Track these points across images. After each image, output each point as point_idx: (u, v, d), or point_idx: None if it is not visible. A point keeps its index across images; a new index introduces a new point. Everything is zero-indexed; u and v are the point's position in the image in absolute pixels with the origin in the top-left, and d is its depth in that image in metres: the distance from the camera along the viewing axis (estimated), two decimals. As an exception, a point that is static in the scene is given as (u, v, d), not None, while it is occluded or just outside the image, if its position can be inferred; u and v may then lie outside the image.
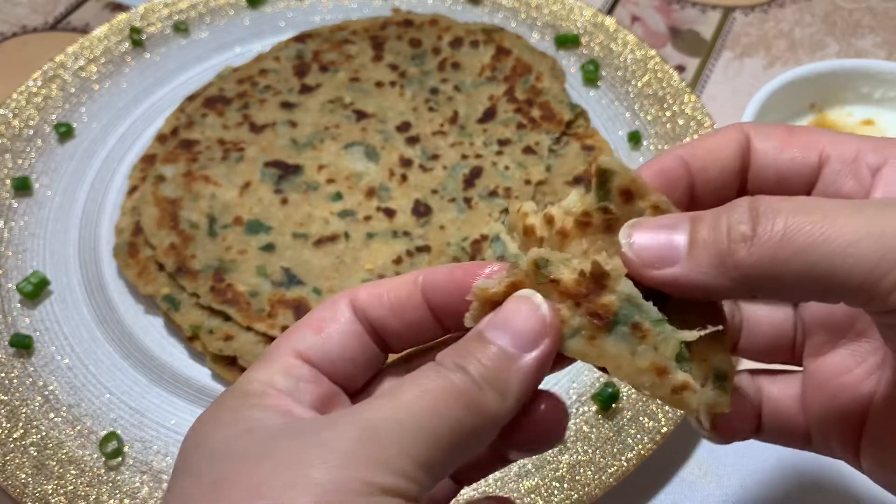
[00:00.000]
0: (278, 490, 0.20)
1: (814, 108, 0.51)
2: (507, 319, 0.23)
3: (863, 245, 0.20)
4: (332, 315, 0.26)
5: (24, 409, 0.43)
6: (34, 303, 0.48)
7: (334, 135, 0.54)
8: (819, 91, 0.50)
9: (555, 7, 0.63)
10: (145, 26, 0.62)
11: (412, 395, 0.22)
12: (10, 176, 0.53)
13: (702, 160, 0.26)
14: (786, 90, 0.49)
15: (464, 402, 0.22)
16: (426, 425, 0.21)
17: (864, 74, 0.50)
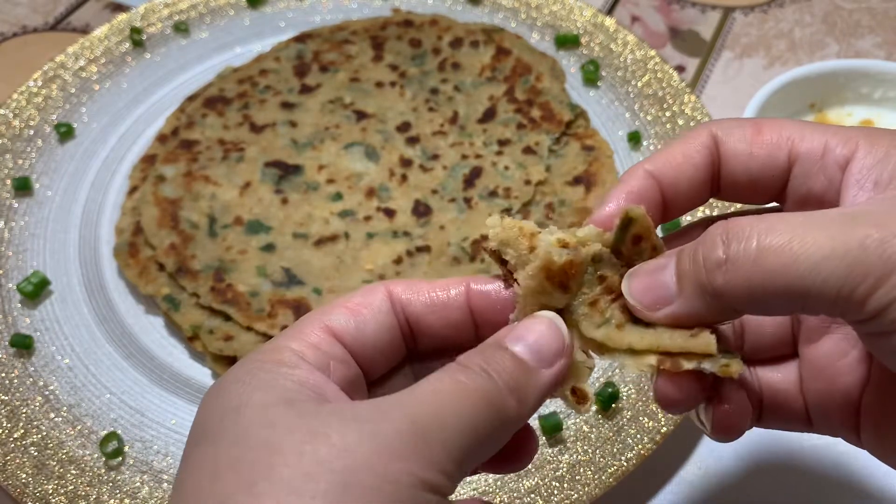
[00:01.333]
0: (335, 474, 0.20)
1: (814, 107, 0.51)
2: (529, 335, 0.24)
3: (830, 262, 0.21)
4: (370, 301, 0.26)
5: (24, 409, 0.43)
6: (34, 303, 0.48)
7: (334, 135, 0.54)
8: (819, 91, 0.51)
9: (555, 7, 0.63)
10: (145, 26, 0.62)
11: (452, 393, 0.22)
12: (11, 176, 0.53)
13: (672, 176, 0.27)
14: (786, 90, 0.49)
15: (494, 406, 0.23)
16: (466, 425, 0.22)
17: (863, 74, 0.50)
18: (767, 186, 0.27)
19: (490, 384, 0.23)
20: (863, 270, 0.21)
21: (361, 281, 0.46)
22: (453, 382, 0.23)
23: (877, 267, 0.21)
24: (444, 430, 0.22)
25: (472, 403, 0.22)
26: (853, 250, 0.21)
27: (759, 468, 0.42)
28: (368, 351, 0.26)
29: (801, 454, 0.42)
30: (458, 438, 0.22)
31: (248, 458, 0.21)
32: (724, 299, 0.23)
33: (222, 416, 0.22)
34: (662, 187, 0.27)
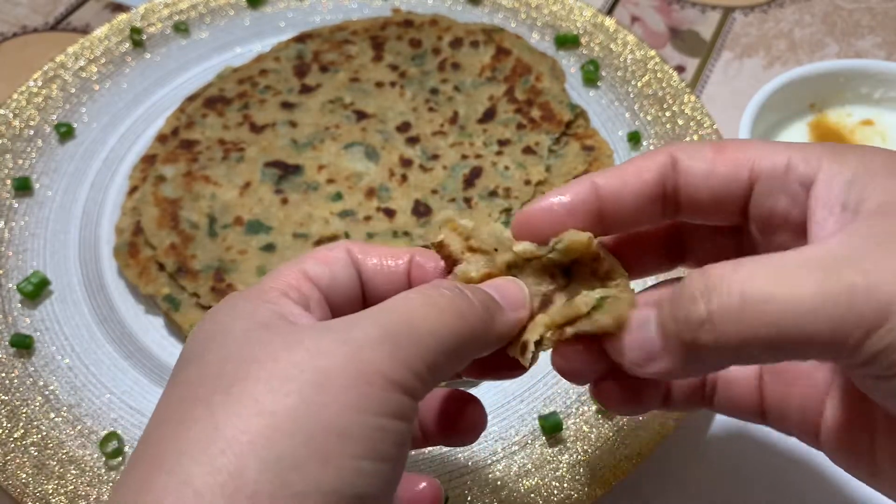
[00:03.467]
0: (309, 374, 0.22)
1: (814, 108, 0.51)
2: (498, 286, 0.27)
3: (820, 313, 0.21)
4: (336, 256, 0.28)
5: (24, 409, 0.43)
6: (35, 303, 0.48)
7: (334, 135, 0.54)
8: (819, 91, 0.50)
9: (555, 7, 0.63)
10: (145, 27, 0.62)
11: (423, 304, 0.24)
12: (11, 176, 0.53)
13: (615, 189, 0.27)
14: (785, 90, 0.49)
15: (464, 318, 0.24)
16: (436, 332, 0.24)
17: (863, 74, 0.50)
18: (729, 205, 0.27)
19: (461, 299, 0.25)
20: (854, 319, 0.21)
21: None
22: (424, 296, 0.25)
23: (867, 315, 0.21)
24: (414, 334, 0.23)
25: (441, 312, 0.24)
26: (842, 298, 0.21)
27: (764, 468, 0.42)
28: (340, 299, 0.27)
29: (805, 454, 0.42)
30: (429, 342, 0.23)
31: (227, 369, 0.22)
32: (710, 356, 0.22)
33: (206, 341, 0.24)
34: (603, 199, 0.27)
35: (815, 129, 0.50)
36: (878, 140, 0.49)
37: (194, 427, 0.21)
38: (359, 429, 0.21)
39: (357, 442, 0.21)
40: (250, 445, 0.20)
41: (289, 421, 0.21)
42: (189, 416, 0.22)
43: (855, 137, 0.50)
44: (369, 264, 0.28)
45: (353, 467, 0.21)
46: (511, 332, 0.27)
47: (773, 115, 0.49)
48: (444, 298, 0.24)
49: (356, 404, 0.21)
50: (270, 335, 0.23)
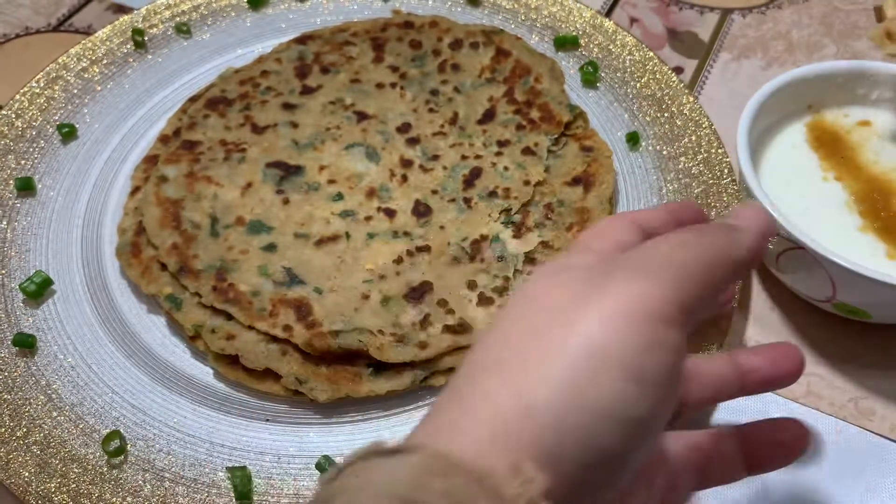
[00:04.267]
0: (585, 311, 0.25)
1: (811, 108, 0.51)
2: (735, 214, 0.30)
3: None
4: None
5: (27, 408, 0.43)
6: (37, 302, 0.48)
7: (335, 136, 0.54)
8: (816, 92, 0.51)
9: (554, 9, 0.63)
10: (147, 28, 0.62)
11: (670, 243, 0.27)
12: (14, 176, 0.54)
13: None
14: (783, 91, 0.49)
15: (710, 246, 0.27)
16: (687, 263, 0.26)
17: (860, 76, 0.50)
18: None
19: (700, 231, 0.28)
20: None
21: (362, 281, 0.47)
22: (669, 237, 0.27)
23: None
24: (669, 268, 0.26)
25: (684, 245, 0.27)
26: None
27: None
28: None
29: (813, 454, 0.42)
30: (681, 273, 0.26)
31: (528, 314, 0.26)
32: None
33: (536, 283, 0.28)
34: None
35: (812, 131, 0.50)
36: (875, 140, 0.49)
37: (489, 358, 0.25)
38: (621, 354, 0.24)
39: (621, 367, 0.23)
40: (532, 371, 0.24)
41: (566, 350, 0.24)
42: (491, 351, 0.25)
43: (852, 138, 0.49)
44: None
45: (617, 389, 0.23)
46: (754, 246, 0.28)
47: (771, 115, 0.50)
48: (684, 236, 0.27)
49: (619, 335, 0.24)
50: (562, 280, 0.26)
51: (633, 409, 0.24)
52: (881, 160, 0.48)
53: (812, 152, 0.49)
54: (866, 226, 0.45)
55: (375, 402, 0.44)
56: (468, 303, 0.46)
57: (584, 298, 0.25)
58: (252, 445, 0.43)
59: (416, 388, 0.44)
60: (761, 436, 0.33)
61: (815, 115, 0.51)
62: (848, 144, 0.49)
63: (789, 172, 0.48)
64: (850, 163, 0.48)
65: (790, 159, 0.49)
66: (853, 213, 0.45)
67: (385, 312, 0.45)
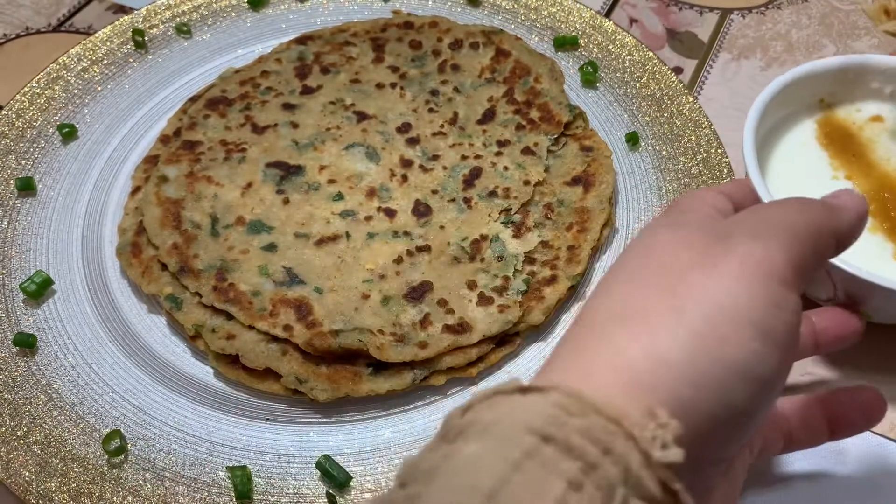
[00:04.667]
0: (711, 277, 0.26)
1: (823, 103, 0.50)
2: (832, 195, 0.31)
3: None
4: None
5: (27, 408, 0.44)
6: (38, 302, 0.48)
7: (335, 136, 0.54)
8: (828, 86, 0.49)
9: (553, 9, 0.63)
10: (148, 28, 0.62)
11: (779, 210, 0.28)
12: (14, 176, 0.54)
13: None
14: (794, 86, 0.48)
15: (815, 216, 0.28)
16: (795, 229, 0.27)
17: (874, 70, 0.49)
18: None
19: (803, 202, 0.29)
20: None
21: (362, 280, 0.47)
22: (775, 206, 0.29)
23: None
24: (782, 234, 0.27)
25: (791, 213, 0.28)
26: None
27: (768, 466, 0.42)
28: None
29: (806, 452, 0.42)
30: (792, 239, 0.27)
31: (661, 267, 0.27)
32: None
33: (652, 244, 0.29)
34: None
35: (823, 127, 0.49)
36: (886, 137, 0.48)
37: (621, 309, 0.26)
38: (750, 313, 0.25)
39: (750, 326, 0.24)
40: (666, 325, 0.24)
41: (696, 307, 0.25)
42: (619, 302, 0.26)
43: (864, 135, 0.48)
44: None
45: (749, 348, 0.24)
46: (852, 224, 0.30)
47: (780, 112, 0.49)
48: (791, 203, 0.29)
49: (748, 295, 0.25)
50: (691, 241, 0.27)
51: (765, 368, 0.24)
52: (893, 158, 0.47)
53: (822, 150, 0.48)
54: (875, 226, 0.44)
55: (375, 401, 0.44)
56: (468, 302, 0.46)
57: (709, 258, 0.26)
58: (252, 445, 0.43)
59: (415, 388, 0.44)
60: (843, 401, 0.36)
61: (827, 111, 0.50)
62: (859, 141, 0.48)
63: (798, 171, 0.47)
64: (861, 161, 0.47)
65: (799, 157, 0.48)
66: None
67: (385, 312, 0.45)
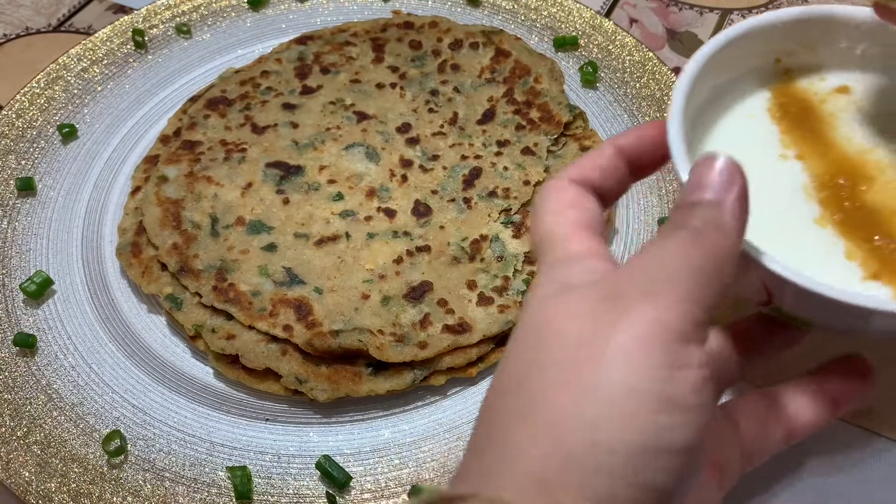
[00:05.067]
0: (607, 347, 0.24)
1: (779, 65, 0.39)
2: (702, 179, 0.27)
3: None
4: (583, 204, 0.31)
5: (27, 408, 0.44)
6: (38, 302, 0.48)
7: (335, 136, 0.54)
8: (785, 43, 0.39)
9: (553, 9, 0.63)
10: (148, 28, 0.62)
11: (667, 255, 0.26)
12: (14, 176, 0.54)
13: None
14: (742, 44, 0.38)
15: (702, 249, 0.26)
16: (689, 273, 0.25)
17: (842, 24, 0.38)
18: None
19: (690, 232, 0.26)
20: None
21: (362, 281, 0.47)
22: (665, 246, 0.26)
23: None
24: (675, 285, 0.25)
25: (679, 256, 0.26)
26: None
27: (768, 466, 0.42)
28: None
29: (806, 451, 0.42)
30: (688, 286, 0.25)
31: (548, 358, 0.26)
32: None
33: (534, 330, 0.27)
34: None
35: (777, 98, 0.39)
36: (853, 111, 0.38)
37: (520, 401, 0.25)
38: (650, 385, 0.23)
39: (651, 399, 0.23)
40: (566, 414, 0.23)
41: (594, 391, 0.23)
42: (516, 393, 0.25)
43: (825, 108, 0.38)
44: (595, 178, 0.31)
45: (653, 422, 0.23)
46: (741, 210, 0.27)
47: (729, 72, 0.39)
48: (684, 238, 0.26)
49: (645, 364, 0.23)
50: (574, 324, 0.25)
51: (676, 439, 0.23)
52: (856, 137, 0.38)
53: (773, 123, 0.39)
54: (825, 217, 0.35)
55: (375, 401, 0.44)
56: (468, 303, 0.46)
57: (601, 330, 0.24)
58: (252, 445, 0.43)
59: (415, 388, 0.44)
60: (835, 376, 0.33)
61: (784, 79, 0.40)
62: (819, 115, 0.39)
63: (740, 146, 0.37)
64: (817, 138, 0.38)
65: (744, 131, 0.38)
66: (811, 200, 0.36)
67: (385, 312, 0.45)
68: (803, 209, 0.35)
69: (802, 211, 0.35)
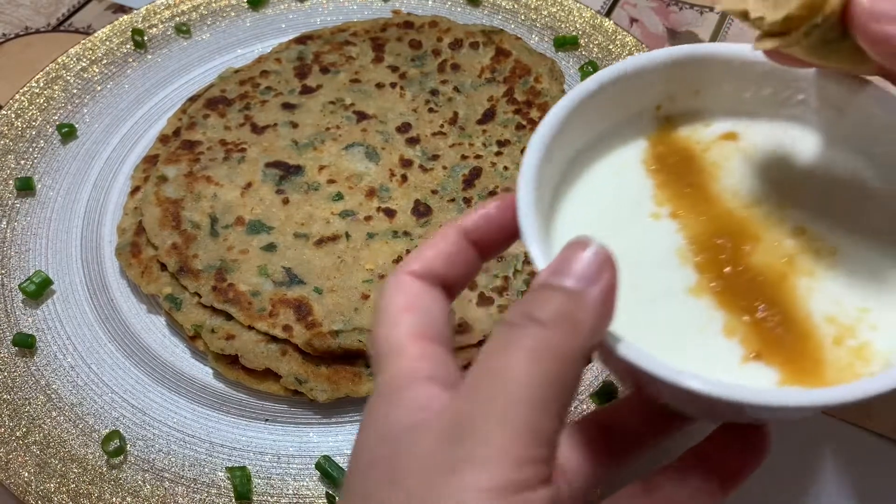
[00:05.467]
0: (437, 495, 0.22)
1: (661, 110, 0.35)
2: (566, 264, 0.24)
3: None
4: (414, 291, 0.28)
5: (26, 408, 0.43)
6: (37, 302, 0.48)
7: (335, 135, 0.54)
8: (667, 88, 0.34)
9: (554, 9, 0.63)
10: (147, 28, 0.62)
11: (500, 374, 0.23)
12: (13, 176, 0.54)
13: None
14: (617, 88, 0.33)
15: (545, 362, 0.23)
16: (530, 390, 0.22)
17: (723, 65, 0.33)
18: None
19: (534, 333, 0.23)
20: None
21: (362, 280, 0.47)
22: (502, 358, 0.23)
23: None
24: (515, 408, 0.22)
25: (521, 375, 0.23)
26: None
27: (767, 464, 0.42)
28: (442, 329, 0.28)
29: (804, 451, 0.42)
30: (530, 403, 0.22)
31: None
32: None
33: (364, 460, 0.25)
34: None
35: (655, 146, 0.34)
36: (738, 160, 0.33)
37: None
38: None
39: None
40: None
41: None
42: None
43: (708, 157, 0.33)
44: (438, 267, 0.28)
45: None
46: (603, 307, 0.24)
47: (602, 123, 0.34)
48: (519, 354, 0.23)
49: (487, 494, 0.22)
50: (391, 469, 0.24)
51: None
52: (741, 189, 0.32)
53: (647, 177, 0.33)
54: (701, 285, 0.30)
55: (375, 402, 0.44)
56: (468, 303, 0.46)
57: (442, 476, 0.22)
58: (252, 445, 0.43)
59: (415, 388, 0.44)
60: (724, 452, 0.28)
61: (666, 125, 0.35)
62: (700, 166, 0.33)
63: (606, 204, 0.33)
64: (697, 193, 0.33)
65: (614, 185, 0.33)
66: (686, 265, 0.30)
67: (385, 312, 0.45)
68: (676, 277, 0.30)
69: (675, 279, 0.30)
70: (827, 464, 0.42)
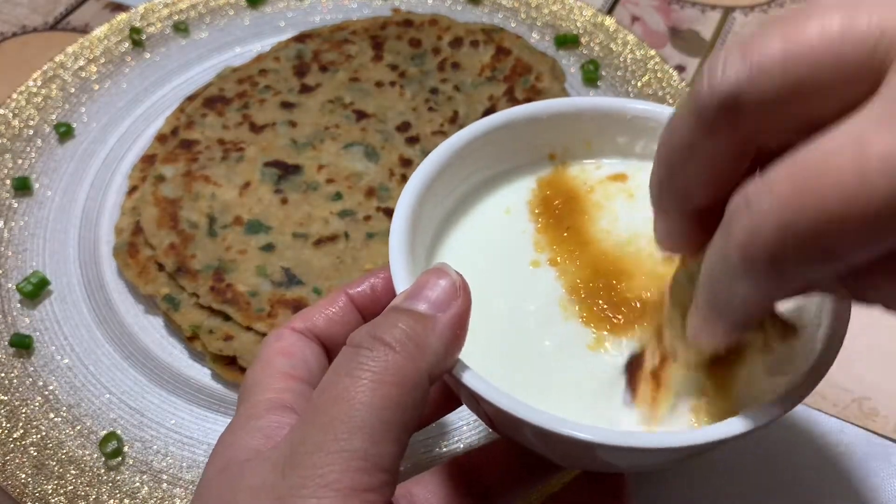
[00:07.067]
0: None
1: (554, 159, 0.35)
2: (420, 290, 0.25)
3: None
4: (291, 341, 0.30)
5: (24, 409, 0.43)
6: (34, 303, 0.48)
7: (334, 135, 0.54)
8: (560, 139, 0.35)
9: (554, 7, 0.63)
10: (145, 26, 0.62)
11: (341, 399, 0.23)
12: (10, 176, 0.53)
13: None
14: (505, 139, 0.33)
15: (389, 378, 0.23)
16: (370, 417, 0.22)
17: (619, 120, 0.34)
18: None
19: (378, 356, 0.23)
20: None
21: (361, 281, 0.46)
22: (340, 385, 0.23)
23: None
24: (351, 436, 0.22)
25: (364, 395, 0.23)
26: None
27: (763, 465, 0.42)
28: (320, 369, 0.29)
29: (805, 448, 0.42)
30: (372, 430, 0.22)
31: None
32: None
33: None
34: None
35: (543, 189, 0.34)
36: (622, 200, 0.33)
37: None
38: None
39: None
40: None
41: None
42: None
43: (592, 198, 0.33)
44: (321, 326, 0.30)
45: None
46: (452, 332, 0.24)
47: (491, 168, 0.34)
48: (358, 389, 0.23)
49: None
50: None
51: None
52: (618, 227, 0.32)
53: (530, 221, 0.33)
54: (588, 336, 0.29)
55: (375, 403, 0.44)
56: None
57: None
58: (250, 447, 0.42)
59: (415, 389, 0.44)
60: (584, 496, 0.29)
61: (558, 167, 0.35)
62: (581, 208, 0.33)
63: (485, 252, 0.32)
64: (575, 237, 0.32)
65: (497, 230, 0.33)
66: (571, 317, 0.30)
67: (384, 313, 0.45)
68: (560, 331, 0.29)
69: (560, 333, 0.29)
70: (828, 464, 0.42)
